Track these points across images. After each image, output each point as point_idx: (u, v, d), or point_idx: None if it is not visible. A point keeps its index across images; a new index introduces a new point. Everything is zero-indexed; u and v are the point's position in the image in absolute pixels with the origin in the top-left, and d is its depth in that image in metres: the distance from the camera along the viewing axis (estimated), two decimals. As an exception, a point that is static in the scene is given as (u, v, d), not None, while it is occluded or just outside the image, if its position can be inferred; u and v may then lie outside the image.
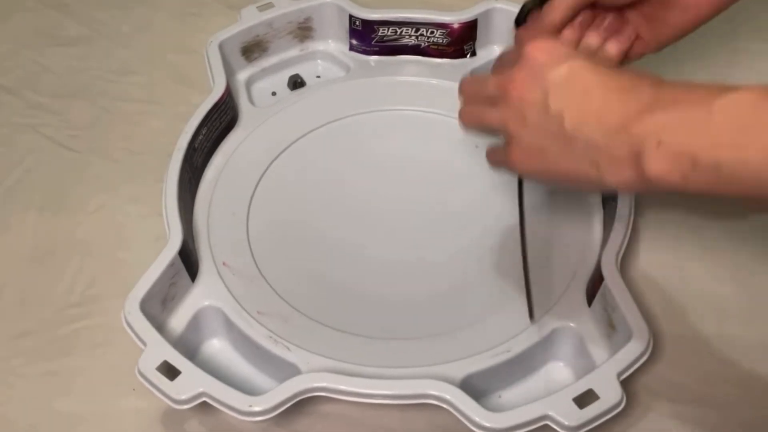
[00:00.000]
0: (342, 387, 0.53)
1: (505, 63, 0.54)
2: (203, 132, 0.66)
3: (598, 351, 0.56)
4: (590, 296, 0.58)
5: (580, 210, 0.64)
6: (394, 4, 0.75)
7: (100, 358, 0.59)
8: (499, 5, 0.73)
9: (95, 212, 0.67)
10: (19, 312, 0.61)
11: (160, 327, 0.56)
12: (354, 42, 0.75)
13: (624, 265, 0.59)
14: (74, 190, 0.69)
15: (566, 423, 0.50)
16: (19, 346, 0.60)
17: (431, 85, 0.73)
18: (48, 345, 0.60)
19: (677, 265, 0.63)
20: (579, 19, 0.59)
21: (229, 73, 0.71)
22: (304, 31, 0.75)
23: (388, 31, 0.74)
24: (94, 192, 0.69)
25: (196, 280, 0.59)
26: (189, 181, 0.64)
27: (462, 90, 0.58)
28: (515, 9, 0.72)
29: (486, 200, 0.66)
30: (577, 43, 0.59)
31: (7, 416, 0.57)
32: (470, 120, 0.56)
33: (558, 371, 0.58)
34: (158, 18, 0.83)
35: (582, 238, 0.62)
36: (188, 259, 0.58)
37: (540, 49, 0.49)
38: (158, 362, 0.53)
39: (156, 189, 0.66)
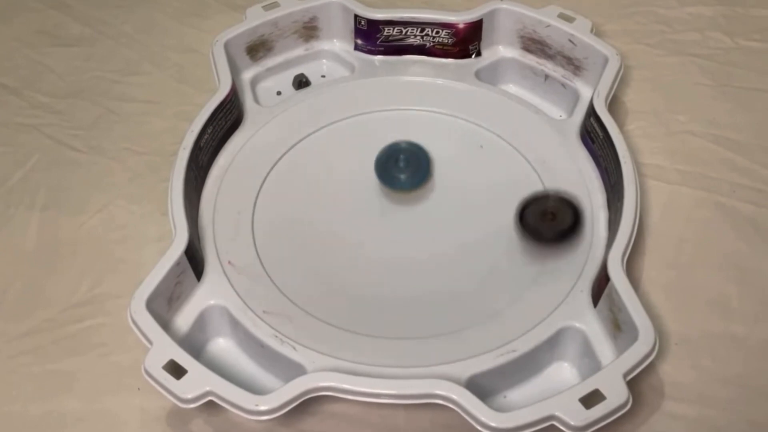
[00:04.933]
0: (348, 387, 0.53)
1: None
2: (209, 131, 0.66)
3: (603, 351, 0.56)
4: (596, 296, 0.58)
5: (586, 210, 0.63)
6: (399, 4, 0.75)
7: (105, 358, 0.59)
8: (504, 5, 0.73)
9: (98, 212, 0.67)
10: (23, 311, 0.61)
11: (166, 326, 0.56)
12: (359, 42, 0.75)
13: (629, 265, 0.59)
14: (77, 190, 0.69)
15: (572, 423, 0.50)
16: (24, 345, 0.59)
17: (436, 85, 0.73)
18: (52, 344, 0.59)
19: (683, 264, 0.63)
20: None
21: (235, 72, 0.71)
22: (309, 30, 0.75)
23: (393, 30, 0.74)
24: (97, 192, 0.69)
25: (201, 279, 0.59)
26: (194, 180, 0.64)
27: None
28: (520, 9, 0.73)
29: (491, 199, 0.66)
30: None
31: (13, 415, 0.56)
32: None
33: (563, 371, 0.58)
34: (160, 18, 0.83)
35: (587, 238, 0.62)
36: (194, 258, 0.58)
37: None
38: (164, 361, 0.53)
39: (159, 189, 0.66)
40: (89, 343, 0.60)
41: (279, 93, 0.74)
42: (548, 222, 0.61)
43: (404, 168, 0.66)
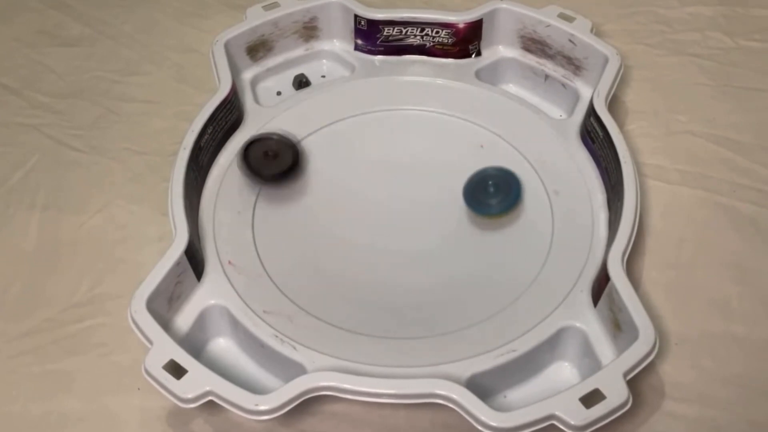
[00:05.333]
0: (348, 386, 0.53)
1: None
2: (209, 131, 0.66)
3: (603, 351, 0.56)
4: (596, 296, 0.58)
5: (586, 209, 0.64)
6: (399, 4, 0.75)
7: (105, 358, 0.59)
8: (504, 5, 0.73)
9: (98, 212, 0.67)
10: (23, 311, 0.61)
11: (166, 326, 0.56)
12: (359, 42, 0.75)
13: (630, 264, 0.59)
14: (77, 190, 0.69)
15: (573, 423, 0.50)
16: (25, 345, 0.59)
17: (436, 85, 0.73)
18: (53, 344, 0.59)
19: (683, 264, 0.63)
20: None
21: (235, 72, 0.71)
22: (309, 30, 0.75)
23: (393, 30, 0.74)
24: (97, 192, 0.69)
25: (201, 279, 0.59)
26: (195, 180, 0.64)
27: None
28: (520, 9, 0.73)
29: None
30: None
31: (13, 415, 0.56)
32: None
33: (564, 371, 0.58)
34: (161, 18, 0.83)
35: (587, 238, 0.62)
36: (194, 258, 0.58)
37: None
38: (165, 361, 0.53)
39: (159, 189, 0.66)
40: (89, 343, 0.60)
41: (279, 93, 0.74)
42: (269, 161, 0.66)
43: (494, 193, 0.64)
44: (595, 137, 0.66)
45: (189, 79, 0.77)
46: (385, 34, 0.74)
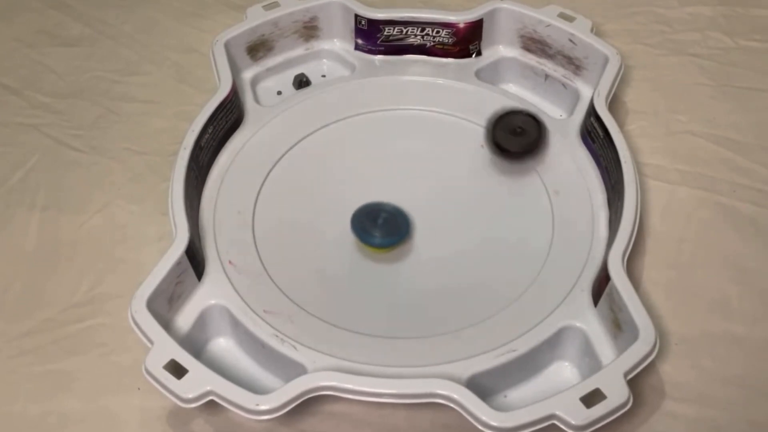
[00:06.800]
0: (349, 386, 0.53)
1: None
2: (209, 131, 0.66)
3: (604, 351, 0.56)
4: (596, 296, 0.58)
5: (586, 209, 0.64)
6: (399, 3, 0.75)
7: (105, 357, 0.59)
8: (504, 5, 0.73)
9: (98, 212, 0.67)
10: (23, 311, 0.61)
11: (167, 326, 0.56)
12: (359, 41, 0.75)
13: (630, 265, 0.59)
14: (77, 190, 0.69)
15: (573, 422, 0.50)
16: (25, 345, 0.59)
17: (436, 85, 0.73)
18: (53, 344, 0.59)
19: (683, 264, 0.63)
20: None
21: (235, 72, 0.71)
22: (309, 30, 0.75)
23: (393, 30, 0.74)
24: (97, 191, 0.69)
25: (202, 279, 0.59)
26: (195, 180, 0.64)
27: None
28: (520, 9, 0.73)
29: (491, 199, 0.66)
30: None
31: (13, 415, 0.56)
32: None
33: (564, 371, 0.58)
34: (161, 18, 0.83)
35: (588, 238, 0.62)
36: (194, 258, 0.58)
37: None
38: (165, 361, 0.53)
39: (159, 189, 0.66)
40: (89, 343, 0.60)
41: (279, 93, 0.74)
42: (516, 137, 0.66)
43: (381, 225, 0.62)
44: (595, 137, 0.66)
45: (189, 79, 0.77)
46: (385, 33, 0.74)
